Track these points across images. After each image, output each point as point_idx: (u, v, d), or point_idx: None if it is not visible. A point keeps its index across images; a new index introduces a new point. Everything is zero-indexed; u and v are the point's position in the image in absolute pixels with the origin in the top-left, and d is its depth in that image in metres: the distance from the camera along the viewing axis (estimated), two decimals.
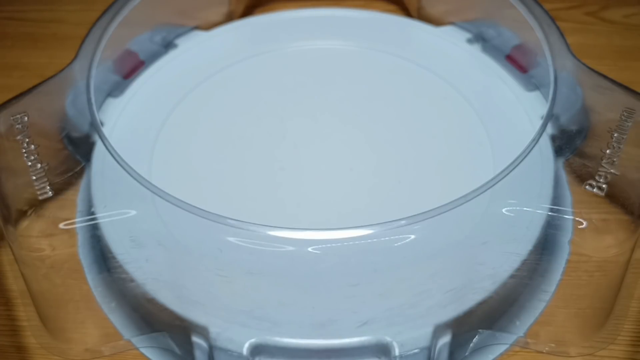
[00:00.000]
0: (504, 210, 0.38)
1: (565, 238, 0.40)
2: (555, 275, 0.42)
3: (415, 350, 0.38)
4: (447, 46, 0.53)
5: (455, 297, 0.38)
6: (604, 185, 0.38)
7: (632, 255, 0.39)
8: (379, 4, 0.61)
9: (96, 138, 0.42)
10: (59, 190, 0.39)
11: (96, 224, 0.40)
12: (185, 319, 0.38)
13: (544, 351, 0.41)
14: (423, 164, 0.45)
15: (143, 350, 0.41)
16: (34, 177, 0.39)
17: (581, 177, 0.39)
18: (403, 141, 0.47)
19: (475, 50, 0.52)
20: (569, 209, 0.40)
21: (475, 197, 0.36)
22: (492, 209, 0.38)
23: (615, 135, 0.40)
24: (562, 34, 0.45)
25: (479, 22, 0.53)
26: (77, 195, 0.42)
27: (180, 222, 0.38)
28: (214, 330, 0.38)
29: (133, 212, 0.39)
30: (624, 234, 0.38)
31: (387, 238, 0.36)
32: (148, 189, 0.38)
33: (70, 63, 0.44)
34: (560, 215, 0.39)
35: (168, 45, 0.54)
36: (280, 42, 0.54)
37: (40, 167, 0.40)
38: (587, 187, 0.38)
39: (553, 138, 0.43)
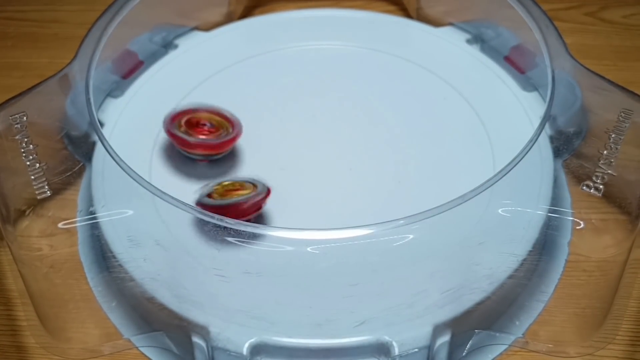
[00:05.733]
0: (500, 210, 0.38)
1: (564, 239, 0.40)
2: (554, 276, 0.42)
3: (415, 350, 0.38)
4: (446, 47, 0.53)
5: (454, 297, 0.38)
6: (601, 186, 0.38)
7: (630, 255, 0.39)
8: (379, 4, 0.61)
9: (96, 138, 0.42)
10: (57, 189, 0.39)
11: (95, 223, 0.40)
12: (184, 318, 0.38)
13: (543, 351, 0.41)
14: (422, 164, 0.45)
15: (143, 350, 0.41)
16: (33, 177, 0.39)
17: (579, 177, 0.39)
18: (402, 141, 0.47)
19: (474, 50, 0.52)
20: (568, 210, 0.40)
21: (472, 197, 0.36)
22: (489, 210, 0.38)
23: (612, 136, 0.40)
24: (560, 35, 0.45)
25: (477, 22, 0.53)
26: (77, 195, 0.42)
27: (179, 222, 0.38)
28: (213, 330, 0.38)
29: (131, 212, 0.39)
30: (622, 234, 0.38)
31: (385, 238, 0.36)
32: (147, 188, 0.38)
33: (70, 63, 0.44)
34: (558, 215, 0.39)
35: (168, 46, 0.54)
36: (280, 42, 0.54)
37: (39, 167, 0.40)
38: (584, 187, 0.38)
39: (551, 139, 0.43)
